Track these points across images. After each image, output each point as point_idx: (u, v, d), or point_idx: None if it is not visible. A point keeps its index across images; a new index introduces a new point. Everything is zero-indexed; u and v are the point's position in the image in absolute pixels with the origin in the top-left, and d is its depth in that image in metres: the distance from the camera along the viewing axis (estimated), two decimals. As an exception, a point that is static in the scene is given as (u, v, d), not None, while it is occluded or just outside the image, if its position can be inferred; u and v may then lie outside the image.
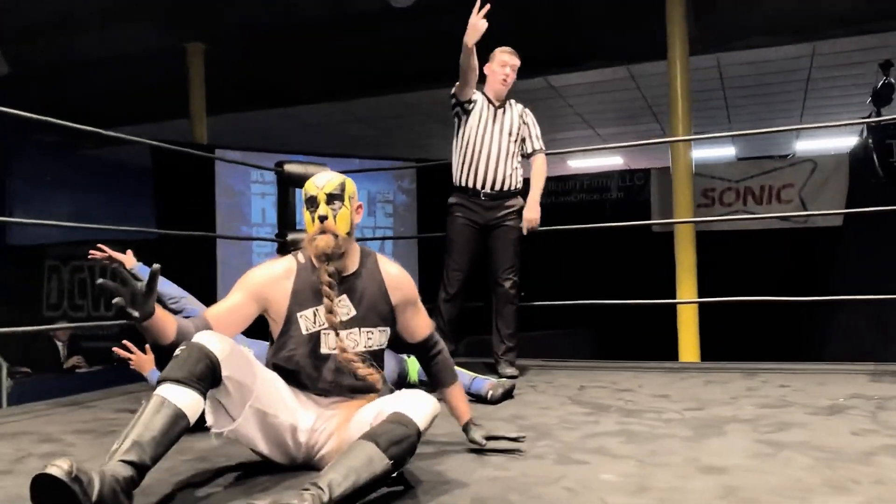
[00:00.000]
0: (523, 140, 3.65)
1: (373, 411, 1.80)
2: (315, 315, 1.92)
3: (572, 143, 10.94)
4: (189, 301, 2.78)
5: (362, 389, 1.94)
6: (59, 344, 7.60)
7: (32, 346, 7.42)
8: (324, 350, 1.93)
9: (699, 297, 6.56)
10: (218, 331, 1.79)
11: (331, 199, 1.92)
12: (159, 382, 1.66)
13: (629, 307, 4.76)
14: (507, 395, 2.89)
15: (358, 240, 2.08)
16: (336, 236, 1.90)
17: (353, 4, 6.89)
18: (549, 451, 2.08)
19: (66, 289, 9.35)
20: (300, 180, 4.38)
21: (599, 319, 7.58)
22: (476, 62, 3.44)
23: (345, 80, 8.72)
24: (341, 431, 1.87)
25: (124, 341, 2.71)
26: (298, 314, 1.91)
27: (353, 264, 1.98)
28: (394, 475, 1.67)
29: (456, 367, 2.91)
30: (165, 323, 1.75)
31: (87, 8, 6.91)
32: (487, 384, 2.85)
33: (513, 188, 3.59)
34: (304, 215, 1.97)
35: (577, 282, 7.59)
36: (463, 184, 3.59)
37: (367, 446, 1.63)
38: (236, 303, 1.89)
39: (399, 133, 10.91)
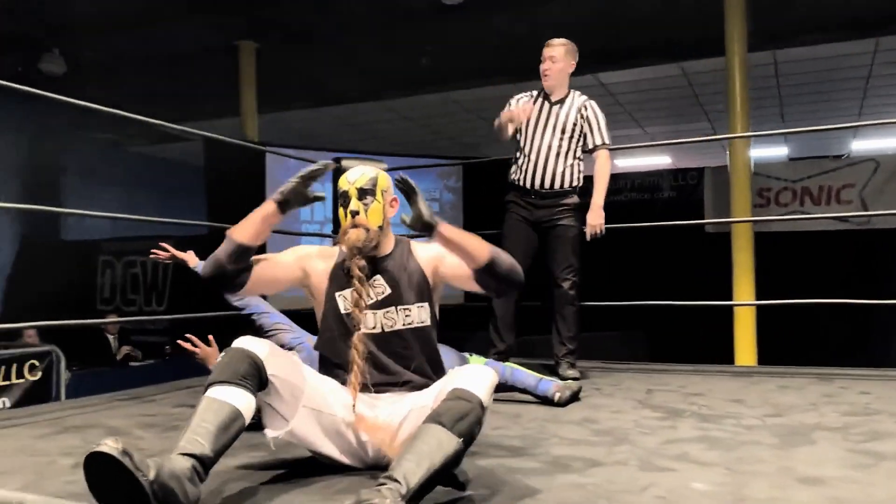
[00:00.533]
0: (584, 135, 3.50)
1: (431, 395, 1.77)
2: (353, 295, 1.94)
3: (619, 141, 10.75)
4: (253, 298, 2.78)
5: (395, 378, 1.92)
6: (110, 337, 7.72)
7: (86, 340, 7.54)
8: (363, 329, 1.91)
9: (756, 299, 6.38)
10: (264, 279, 1.91)
11: (362, 193, 1.96)
12: (206, 387, 1.66)
13: (682, 309, 4.64)
14: (575, 397, 2.80)
15: (402, 237, 2.08)
16: (367, 230, 1.93)
17: (403, 1, 6.85)
18: (631, 457, 1.99)
19: (119, 283, 9.51)
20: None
21: (651, 321, 7.42)
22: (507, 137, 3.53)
23: (393, 78, 8.70)
24: (406, 423, 1.81)
25: (188, 335, 2.67)
26: (337, 294, 1.95)
27: (386, 249, 2.00)
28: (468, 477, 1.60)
29: (522, 368, 2.87)
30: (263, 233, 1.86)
31: (141, 7, 6.99)
32: (554, 386, 2.77)
33: (567, 186, 3.47)
34: (340, 209, 1.99)
35: (627, 283, 7.45)
36: (515, 181, 3.54)
37: (433, 428, 1.59)
38: (281, 259, 1.98)
39: (446, 132, 10.86)
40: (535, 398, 2.80)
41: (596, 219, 3.46)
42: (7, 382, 4.61)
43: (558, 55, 3.47)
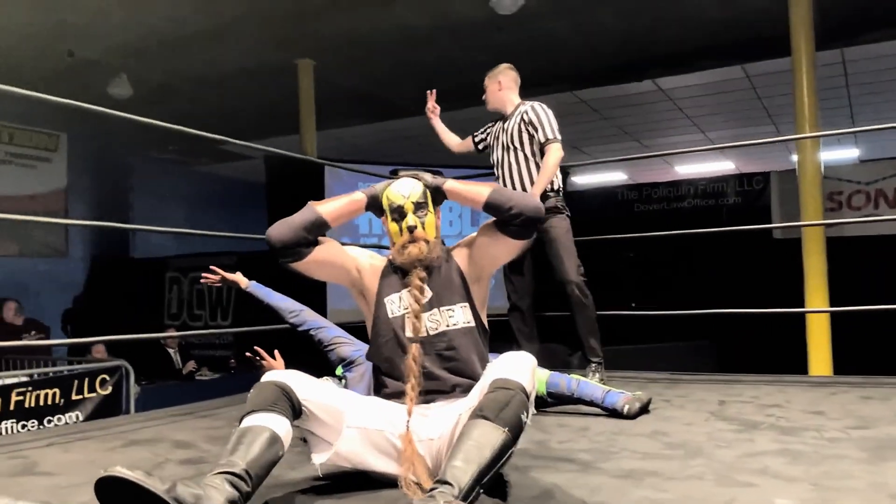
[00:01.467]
0: (532, 137, 3.49)
1: (476, 395, 1.71)
2: (400, 300, 1.94)
3: (681, 147, 10.53)
4: (308, 314, 2.77)
5: (442, 384, 1.88)
6: (171, 351, 7.89)
7: (154, 355, 7.73)
8: (409, 333, 1.90)
9: (830, 306, 6.11)
10: (318, 260, 1.93)
11: (417, 207, 1.95)
12: (240, 419, 1.67)
13: (750, 318, 4.48)
14: (644, 409, 2.71)
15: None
16: (427, 242, 1.94)
17: (457, 13, 6.85)
18: (707, 471, 1.90)
19: (186, 299, 9.74)
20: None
21: (719, 330, 7.19)
22: (448, 139, 4.16)
23: (449, 90, 8.69)
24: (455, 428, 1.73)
25: (256, 347, 2.69)
26: (386, 298, 1.96)
27: (437, 257, 2.00)
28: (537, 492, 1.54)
29: (588, 380, 2.79)
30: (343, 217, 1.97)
31: (202, 28, 7.17)
32: (623, 398, 2.68)
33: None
34: (386, 224, 1.99)
35: (693, 292, 7.24)
36: None
37: (477, 423, 1.55)
38: (342, 248, 2.00)
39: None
40: (603, 411, 2.71)
41: None
42: (79, 397, 4.75)
43: (485, 83, 3.75)
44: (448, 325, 1.92)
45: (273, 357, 2.69)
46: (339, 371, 2.55)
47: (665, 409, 2.84)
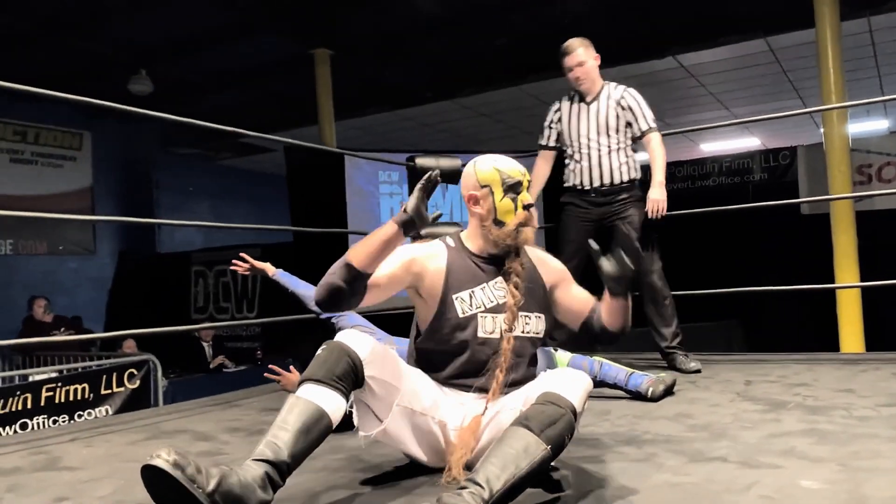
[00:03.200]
0: (629, 125, 3.39)
1: (521, 397, 1.66)
2: (471, 297, 1.80)
3: (705, 124, 10.37)
4: None
5: (511, 380, 1.79)
6: (205, 345, 7.98)
7: (182, 348, 7.82)
8: (480, 334, 1.79)
9: (860, 281, 5.98)
10: (371, 293, 1.73)
11: (528, 186, 1.85)
12: (300, 383, 1.59)
13: (779, 296, 4.40)
14: (669, 391, 2.66)
15: None
16: (533, 228, 1.84)
17: (473, -3, 6.79)
18: (731, 453, 1.85)
19: (212, 292, 9.84)
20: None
21: (747, 310, 7.09)
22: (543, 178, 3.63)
23: (467, 75, 8.65)
24: (492, 425, 1.72)
25: (271, 366, 2.72)
26: (454, 296, 1.79)
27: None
28: (555, 477, 1.52)
29: (612, 363, 2.75)
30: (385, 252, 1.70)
31: (219, 24, 7.18)
32: (646, 380, 2.64)
33: (625, 181, 3.39)
34: (486, 200, 1.81)
35: (720, 270, 7.13)
36: (570, 183, 3.48)
37: (520, 432, 1.49)
38: (393, 271, 1.77)
39: (522, 126, 10.73)
40: (626, 393, 2.67)
41: (659, 195, 3.32)
42: (108, 391, 4.82)
43: (584, 57, 3.39)
44: (522, 332, 1.82)
45: (289, 371, 2.70)
46: (358, 360, 2.54)
47: (690, 391, 2.80)
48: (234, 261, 2.93)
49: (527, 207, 1.80)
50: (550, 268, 1.95)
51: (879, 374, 2.93)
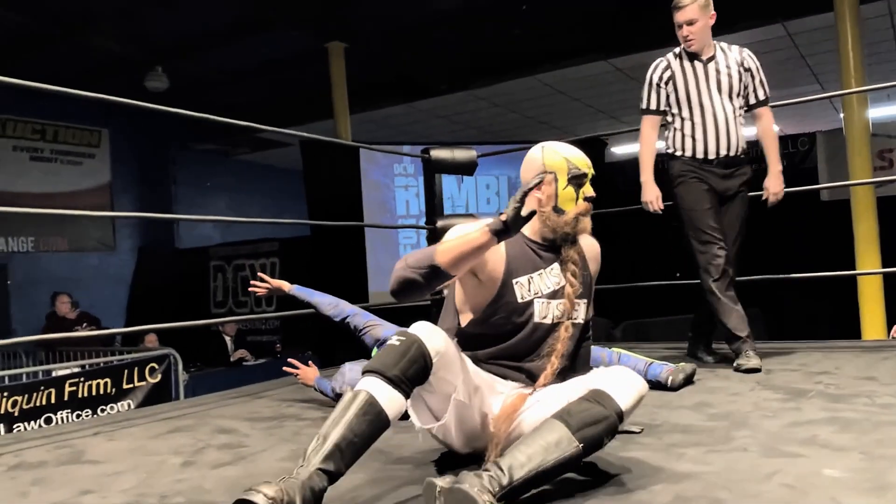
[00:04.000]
0: (745, 89, 3.06)
1: (570, 388, 1.66)
2: (530, 283, 1.79)
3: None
4: (343, 305, 2.83)
5: (563, 368, 1.79)
6: (227, 339, 8.04)
7: (203, 342, 7.88)
8: (536, 319, 1.78)
9: (882, 268, 5.91)
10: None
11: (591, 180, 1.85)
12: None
13: (799, 283, 4.35)
14: (688, 380, 2.65)
15: None
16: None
17: (487, -13, 6.76)
18: (752, 442, 1.84)
19: (231, 287, 9.91)
20: (447, 166, 4.32)
21: (767, 298, 7.01)
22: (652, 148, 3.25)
23: (482, 65, 8.62)
24: (533, 412, 1.70)
25: (290, 360, 2.81)
26: (514, 280, 1.78)
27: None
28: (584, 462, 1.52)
29: (629, 353, 2.74)
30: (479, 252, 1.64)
31: (233, 20, 7.21)
32: (666, 370, 2.62)
33: (742, 153, 3.07)
34: (557, 186, 1.79)
35: (739, 259, 7.07)
36: (686, 152, 3.09)
37: (555, 426, 1.49)
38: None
39: (538, 116, 10.70)
40: (647, 383, 2.66)
41: (778, 185, 3.09)
42: (130, 385, 4.87)
43: (695, 14, 2.97)
44: (575, 319, 1.82)
45: (307, 365, 2.79)
46: (374, 353, 2.56)
47: (710, 380, 2.78)
48: (252, 282, 2.98)
49: (588, 199, 1.81)
50: (594, 255, 1.96)
51: (902, 361, 2.90)
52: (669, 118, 3.17)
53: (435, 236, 4.31)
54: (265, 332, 9.23)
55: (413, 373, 1.54)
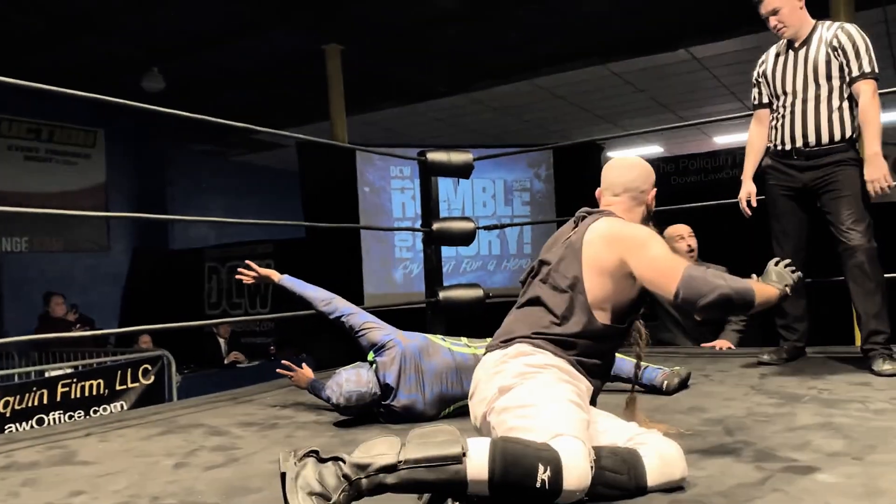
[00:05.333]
0: (841, 69, 2.84)
1: (628, 431, 1.63)
2: None
3: (719, 117, 10.31)
4: (338, 301, 2.74)
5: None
6: (221, 341, 8.02)
7: (197, 344, 7.86)
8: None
9: (878, 275, 5.92)
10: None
11: None
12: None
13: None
14: (683, 385, 2.65)
15: (493, 227, 2.01)
16: None
17: (485, -9, 6.75)
18: (745, 447, 1.84)
19: (225, 288, 9.89)
20: (443, 168, 4.32)
21: (761, 303, 7.03)
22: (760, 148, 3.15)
23: (479, 69, 8.62)
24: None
25: (283, 361, 2.79)
26: None
27: None
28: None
29: (624, 357, 2.72)
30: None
31: (230, 19, 7.20)
32: (661, 374, 2.63)
33: (837, 139, 2.85)
34: (649, 195, 2.01)
35: (733, 263, 7.08)
36: (772, 144, 3.01)
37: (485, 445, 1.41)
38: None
39: (535, 119, 10.71)
40: (641, 387, 2.66)
41: (876, 171, 2.76)
42: (123, 387, 4.84)
43: (777, 3, 2.87)
44: None
45: (301, 368, 2.75)
46: (370, 357, 2.54)
47: (704, 385, 2.78)
48: (240, 269, 2.93)
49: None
50: None
51: (896, 367, 2.89)
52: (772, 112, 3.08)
53: (431, 239, 4.31)
54: (259, 333, 9.20)
55: None
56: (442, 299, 4.12)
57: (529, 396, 1.58)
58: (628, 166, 1.98)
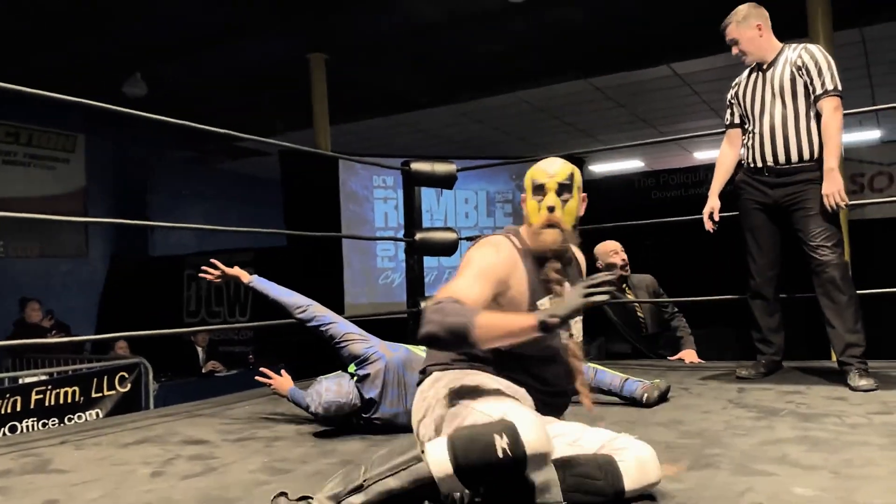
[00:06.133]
0: (806, 87, 2.93)
1: (600, 438, 1.62)
2: (550, 302, 1.74)
3: (699, 132, 10.42)
4: (316, 308, 2.64)
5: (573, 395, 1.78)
6: (199, 349, 7.94)
7: (175, 352, 7.78)
8: (564, 340, 1.74)
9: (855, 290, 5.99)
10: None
11: (561, 189, 1.79)
12: None
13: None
14: (663, 398, 2.66)
15: (475, 238, 1.92)
16: (563, 230, 1.77)
17: (470, 3, 6.78)
18: (724, 460, 1.85)
19: (204, 296, 9.81)
20: (426, 179, 4.32)
21: (739, 317, 7.08)
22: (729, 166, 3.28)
23: (463, 81, 8.66)
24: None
25: (262, 369, 2.70)
26: (538, 303, 1.73)
27: (572, 251, 1.91)
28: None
29: (607, 369, 2.74)
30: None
31: (214, 26, 7.17)
32: (641, 386, 2.64)
33: (807, 158, 2.92)
34: (525, 203, 1.84)
35: (712, 278, 7.14)
36: (745, 161, 3.12)
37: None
38: (487, 296, 1.65)
39: (518, 132, 10.76)
40: (621, 399, 2.67)
41: (831, 186, 2.82)
42: (99, 394, 4.78)
43: (733, 33, 3.05)
44: (575, 338, 1.78)
45: (279, 374, 2.68)
46: (351, 368, 2.49)
47: (683, 398, 2.80)
48: (203, 267, 2.86)
49: (550, 210, 1.77)
50: (583, 268, 1.97)
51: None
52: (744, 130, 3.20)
53: (413, 249, 4.31)
54: (238, 342, 9.13)
55: None
56: (423, 309, 4.11)
57: (463, 395, 1.60)
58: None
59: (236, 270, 2.77)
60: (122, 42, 7.62)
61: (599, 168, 12.29)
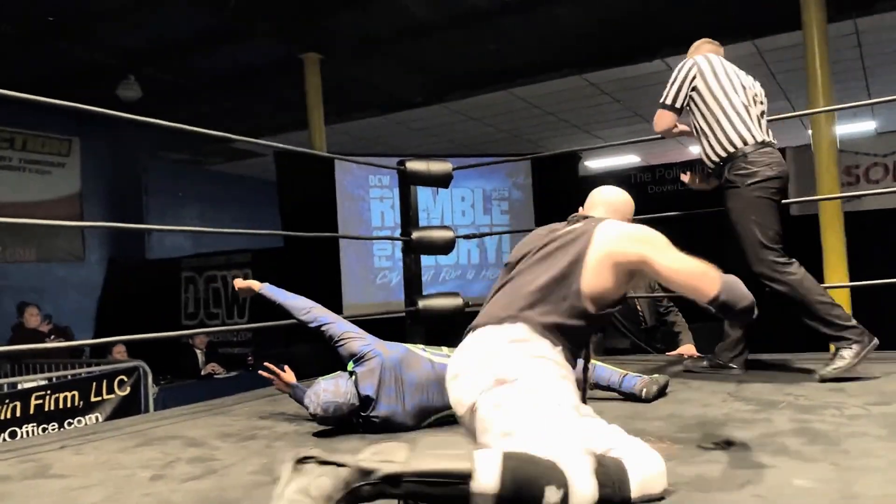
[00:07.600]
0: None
1: (606, 439, 1.59)
2: None
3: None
4: (318, 310, 2.70)
5: None
6: (198, 352, 7.94)
7: (174, 355, 7.77)
8: None
9: (849, 282, 6.01)
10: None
11: None
12: None
13: (767, 296, 4.41)
14: (662, 392, 2.67)
15: (472, 236, 1.99)
16: None
17: (464, 1, 6.78)
18: (723, 452, 1.86)
19: (202, 298, 9.80)
20: (422, 178, 4.32)
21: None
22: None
23: (457, 79, 8.66)
24: None
25: (266, 363, 2.73)
26: None
27: None
28: None
29: (605, 365, 2.75)
30: None
31: (208, 28, 7.17)
32: (640, 381, 2.64)
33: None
34: None
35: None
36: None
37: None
38: None
39: (512, 129, 10.76)
40: (620, 395, 2.68)
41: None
42: (98, 398, 4.77)
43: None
44: None
45: (283, 371, 2.70)
46: (350, 366, 2.51)
47: (682, 391, 2.80)
48: (235, 280, 2.94)
49: None
50: None
51: (869, 373, 2.94)
52: None
53: (410, 248, 4.31)
54: (236, 344, 9.13)
55: None
56: (421, 308, 4.11)
57: (530, 397, 1.57)
58: (619, 193, 2.12)
59: (249, 283, 2.84)
60: (116, 45, 7.62)
61: (595, 164, 12.29)
